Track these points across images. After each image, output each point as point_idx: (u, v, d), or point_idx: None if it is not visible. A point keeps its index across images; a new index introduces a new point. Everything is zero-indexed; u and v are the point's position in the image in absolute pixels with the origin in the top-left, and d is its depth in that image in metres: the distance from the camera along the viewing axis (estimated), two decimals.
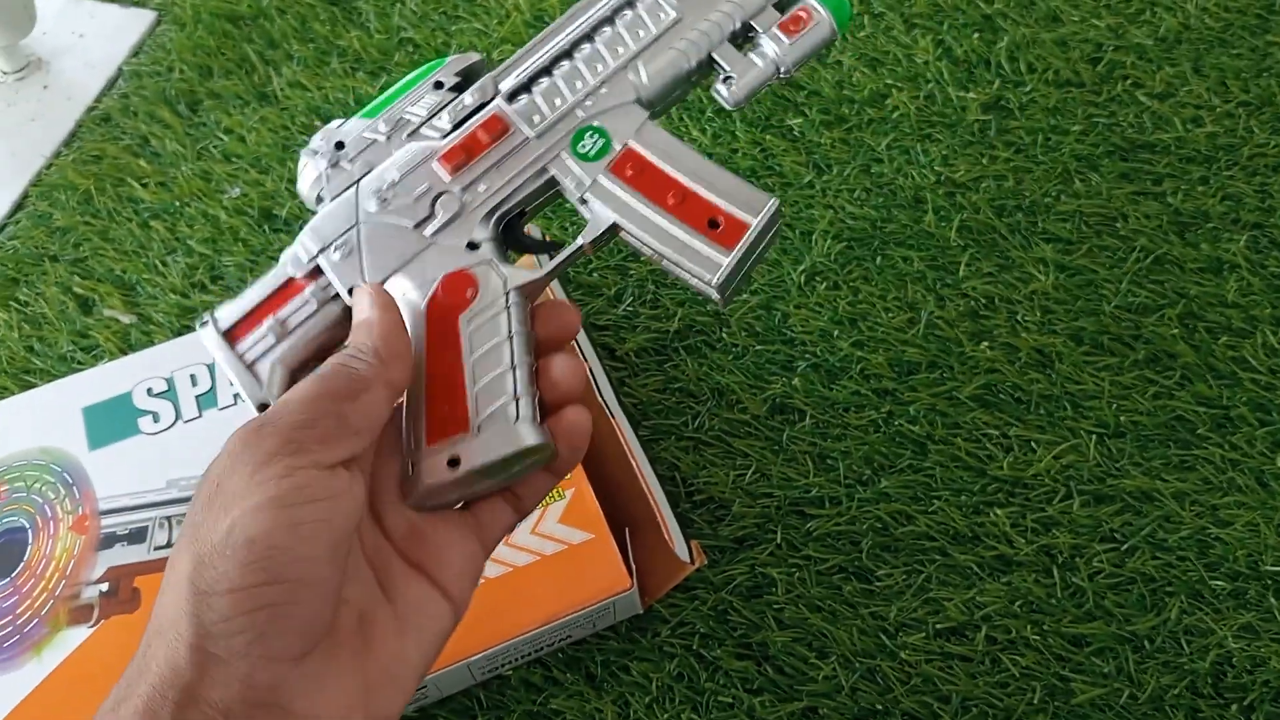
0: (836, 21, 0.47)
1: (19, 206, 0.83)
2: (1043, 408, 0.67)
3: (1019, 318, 0.71)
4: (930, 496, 0.65)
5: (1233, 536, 0.62)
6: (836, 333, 0.71)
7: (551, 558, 0.59)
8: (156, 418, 0.64)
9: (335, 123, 0.48)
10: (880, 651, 0.61)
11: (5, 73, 0.90)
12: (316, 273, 0.45)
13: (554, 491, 0.59)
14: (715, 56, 0.47)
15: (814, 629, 0.61)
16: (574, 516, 0.59)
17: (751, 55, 0.47)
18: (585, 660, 0.61)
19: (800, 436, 0.68)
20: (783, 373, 0.70)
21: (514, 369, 0.42)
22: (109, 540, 0.60)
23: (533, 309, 0.45)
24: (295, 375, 0.44)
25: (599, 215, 0.45)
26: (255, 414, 0.40)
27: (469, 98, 0.47)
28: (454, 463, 0.41)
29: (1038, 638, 0.60)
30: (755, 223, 0.44)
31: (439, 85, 0.47)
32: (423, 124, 0.47)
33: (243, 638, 0.34)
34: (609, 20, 0.47)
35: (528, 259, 0.56)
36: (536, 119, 0.46)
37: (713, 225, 0.44)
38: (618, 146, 0.45)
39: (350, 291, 0.44)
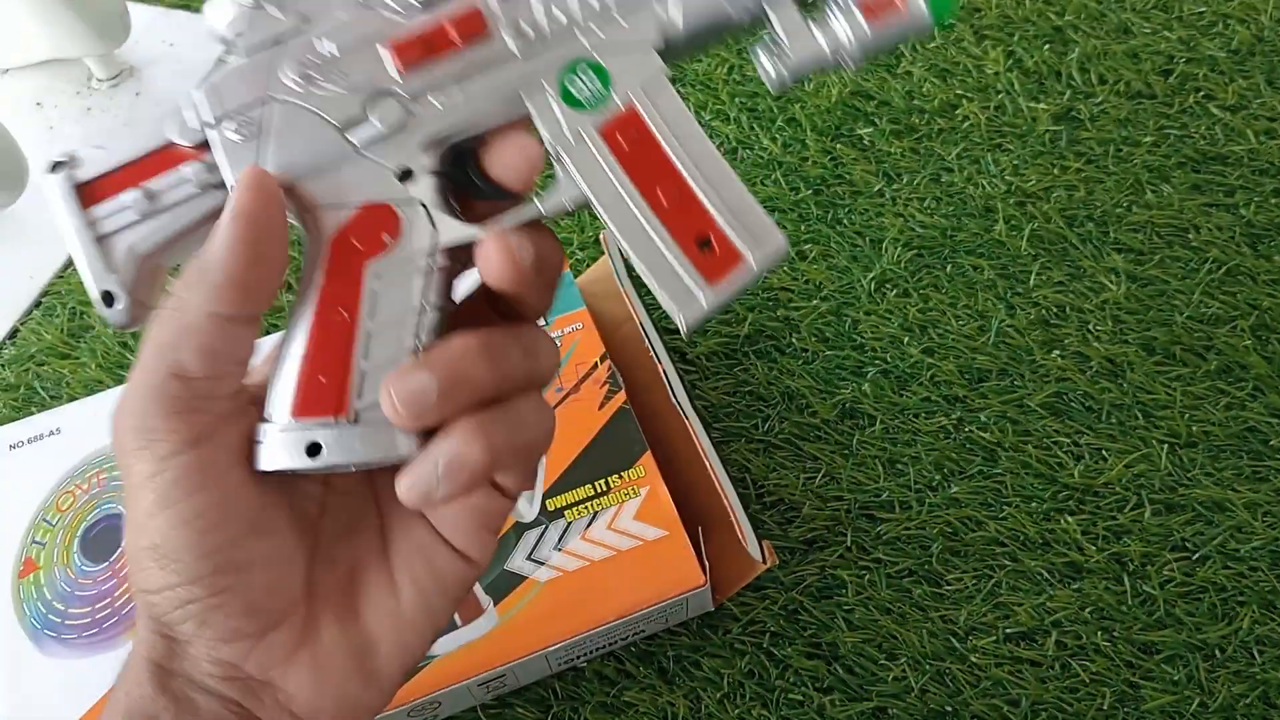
0: (935, 15, 0.36)
1: None
2: (1114, 416, 0.68)
3: (1090, 327, 0.71)
4: (1000, 502, 0.65)
5: None
6: (906, 339, 0.72)
7: (627, 553, 0.60)
8: None
9: None
10: (950, 654, 0.61)
11: (100, 80, 0.94)
12: (206, 146, 0.35)
13: (630, 489, 0.61)
14: (769, 10, 0.36)
15: (884, 631, 0.62)
16: (649, 514, 0.61)
17: (813, 26, 0.36)
18: (658, 655, 0.63)
19: (870, 441, 0.69)
20: (852, 378, 0.71)
21: (415, 354, 0.35)
22: None
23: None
24: (152, 262, 0.36)
25: (570, 183, 0.36)
26: (99, 306, 0.35)
27: None
28: (314, 450, 0.35)
29: (1108, 644, 0.61)
30: (754, 266, 0.35)
31: None
32: None
33: (189, 625, 0.34)
34: None
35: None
36: (527, 29, 0.36)
37: (703, 245, 0.35)
38: (618, 101, 0.36)
39: None
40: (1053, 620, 0.61)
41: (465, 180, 0.37)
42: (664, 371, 0.66)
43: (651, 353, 0.67)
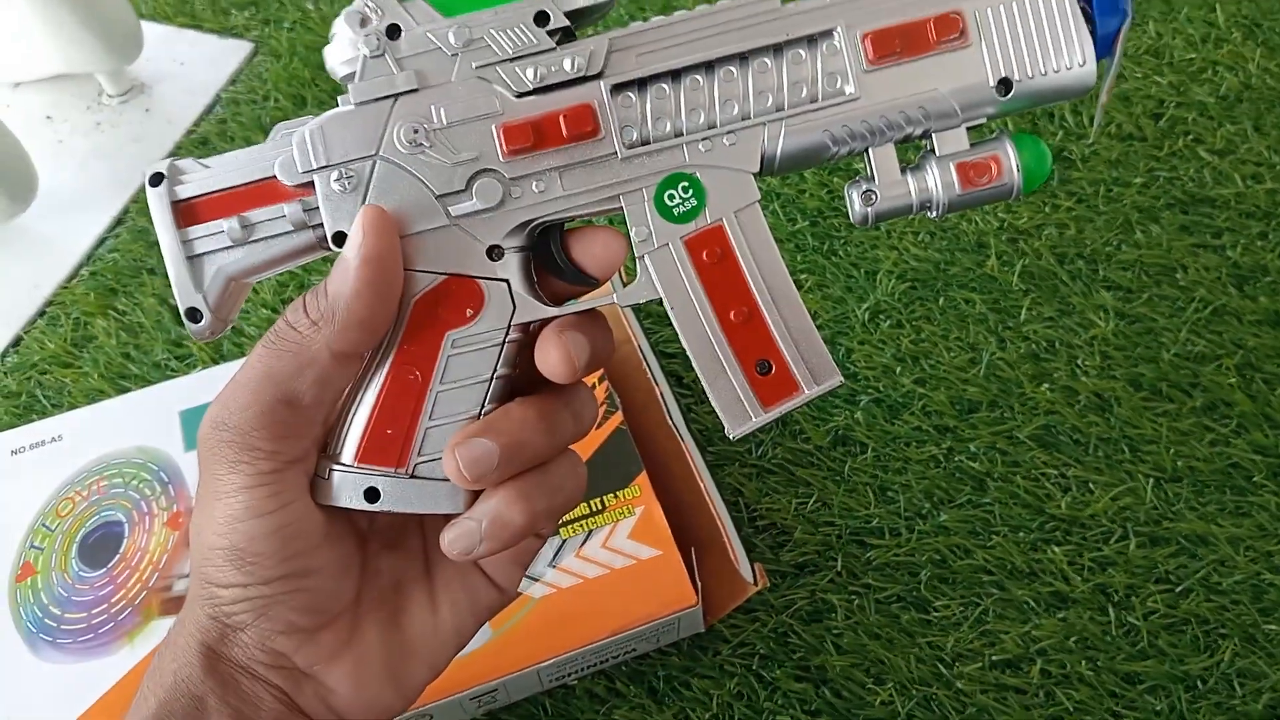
0: (1024, 186, 0.38)
1: (119, 221, 0.87)
2: (1101, 450, 0.69)
3: (1079, 362, 0.72)
4: (989, 532, 0.66)
5: None
6: (899, 369, 0.73)
7: (620, 572, 0.61)
8: None
9: None
10: (936, 680, 0.62)
11: (111, 95, 0.96)
12: (308, 185, 0.37)
13: (625, 508, 0.62)
14: (870, 154, 0.38)
15: (872, 655, 0.63)
16: (643, 533, 0.62)
17: (908, 175, 0.38)
18: (648, 674, 0.63)
19: (861, 468, 0.70)
20: (845, 406, 0.72)
21: (477, 418, 0.38)
22: None
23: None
24: (237, 283, 0.39)
25: (648, 281, 0.38)
26: (185, 320, 0.38)
27: (569, 61, 0.37)
28: (372, 495, 0.38)
29: (1091, 673, 0.61)
30: (808, 394, 0.38)
31: (542, 19, 0.37)
32: (502, 63, 0.37)
33: (249, 616, 0.37)
34: (774, 51, 0.38)
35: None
36: (633, 134, 0.38)
37: (762, 369, 0.38)
38: (709, 218, 0.38)
39: (335, 238, 0.37)
40: (1038, 649, 0.62)
41: (548, 256, 0.39)
42: (661, 394, 0.67)
43: (649, 375, 0.68)
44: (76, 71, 0.94)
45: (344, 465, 0.38)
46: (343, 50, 0.38)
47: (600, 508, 0.62)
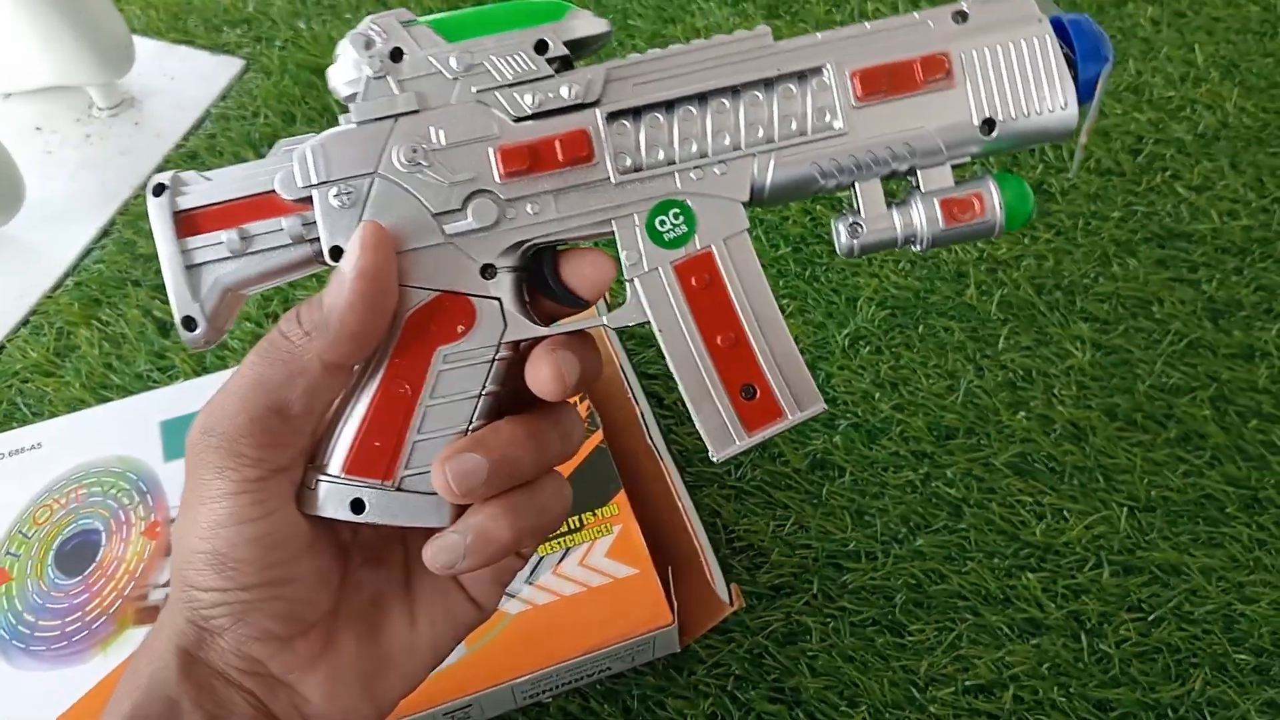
0: (1006, 224, 0.39)
1: (106, 233, 0.88)
2: (1076, 478, 0.70)
3: (1055, 391, 0.73)
4: (964, 557, 0.67)
5: (1258, 613, 0.64)
6: (877, 395, 0.74)
7: (597, 590, 0.61)
8: None
9: (402, 13, 0.39)
10: (910, 704, 0.62)
11: (101, 108, 0.96)
12: (307, 200, 0.38)
13: (603, 526, 0.62)
14: (857, 188, 0.39)
15: (846, 678, 0.63)
16: (620, 551, 0.62)
17: (893, 210, 0.39)
18: (623, 693, 0.63)
19: (839, 492, 0.70)
20: (824, 430, 0.73)
21: (465, 434, 0.39)
22: None
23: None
24: (233, 294, 0.39)
25: (637, 306, 0.39)
26: (179, 329, 0.38)
27: (567, 88, 0.38)
28: (358, 507, 0.38)
29: (1064, 700, 0.62)
30: (791, 420, 0.39)
31: (542, 47, 0.38)
32: (501, 88, 0.38)
33: (227, 620, 0.38)
34: (765, 85, 0.39)
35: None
36: (626, 160, 0.39)
37: (746, 394, 0.39)
38: (699, 245, 0.39)
39: (332, 252, 0.38)
40: (1011, 674, 0.63)
41: (540, 277, 0.40)
42: (641, 414, 0.67)
43: (630, 395, 0.68)
44: (68, 84, 0.95)
45: (331, 476, 0.39)
46: (346, 71, 0.39)
47: (578, 525, 0.62)
